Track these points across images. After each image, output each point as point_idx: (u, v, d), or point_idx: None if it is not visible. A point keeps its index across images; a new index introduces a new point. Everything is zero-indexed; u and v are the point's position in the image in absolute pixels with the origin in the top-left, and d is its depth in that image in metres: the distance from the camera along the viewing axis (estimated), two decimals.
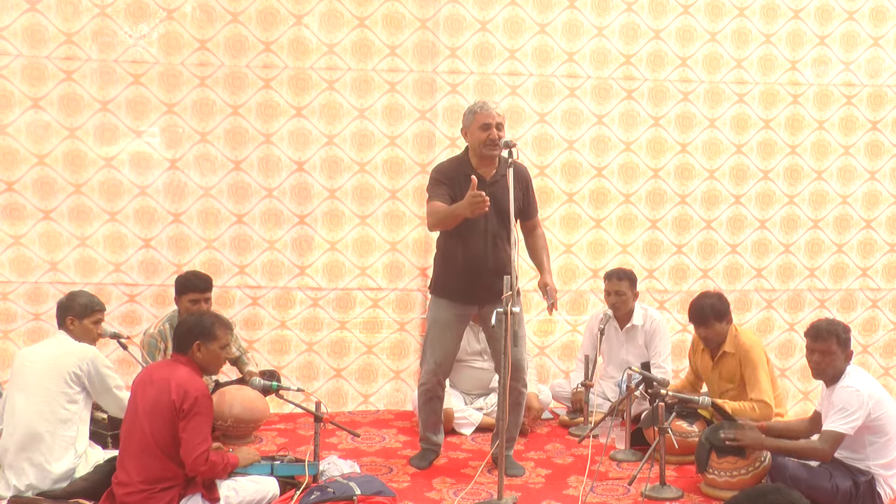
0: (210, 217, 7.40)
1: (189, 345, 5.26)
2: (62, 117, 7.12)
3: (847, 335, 5.66)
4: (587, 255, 7.91)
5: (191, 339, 5.27)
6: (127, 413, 5.24)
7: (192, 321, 5.35)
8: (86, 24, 7.06)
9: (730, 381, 6.59)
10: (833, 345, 5.59)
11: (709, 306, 6.56)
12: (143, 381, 5.22)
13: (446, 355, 6.22)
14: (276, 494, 5.48)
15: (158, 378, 5.15)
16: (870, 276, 8.21)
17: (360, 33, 7.41)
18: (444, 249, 6.14)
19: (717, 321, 6.53)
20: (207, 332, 5.29)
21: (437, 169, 6.14)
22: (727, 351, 6.57)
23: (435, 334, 6.22)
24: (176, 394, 5.03)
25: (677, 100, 7.85)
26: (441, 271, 6.19)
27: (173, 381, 5.09)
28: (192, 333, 5.28)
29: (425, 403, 6.31)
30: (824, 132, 8.02)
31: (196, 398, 5.05)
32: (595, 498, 5.81)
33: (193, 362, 5.27)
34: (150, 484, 5.04)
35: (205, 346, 5.27)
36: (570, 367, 7.89)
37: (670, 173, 7.92)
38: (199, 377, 5.23)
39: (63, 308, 5.76)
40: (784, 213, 8.06)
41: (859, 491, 5.45)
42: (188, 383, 5.09)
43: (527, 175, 6.19)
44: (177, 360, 5.30)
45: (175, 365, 5.25)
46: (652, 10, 7.73)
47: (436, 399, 6.31)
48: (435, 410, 6.34)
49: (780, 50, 7.88)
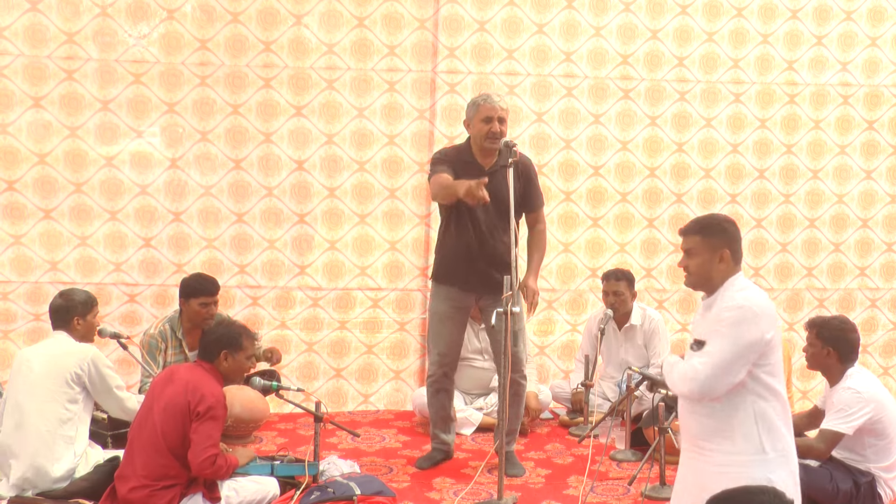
0: (210, 216, 7.41)
1: (216, 353, 5.30)
2: (63, 117, 7.13)
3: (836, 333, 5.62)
4: (585, 254, 7.94)
5: (218, 349, 5.30)
6: (142, 408, 5.28)
7: (221, 331, 5.39)
8: (87, 23, 7.07)
9: None
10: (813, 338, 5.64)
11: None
12: (164, 380, 5.27)
13: (449, 346, 6.21)
14: (277, 494, 5.51)
15: (178, 378, 5.21)
16: (868, 276, 8.24)
17: (360, 33, 7.43)
18: (442, 236, 6.20)
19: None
20: (235, 343, 5.33)
21: (439, 151, 6.21)
22: None
23: (435, 325, 6.26)
24: (192, 396, 5.08)
25: (674, 99, 7.87)
26: (439, 257, 6.24)
27: (192, 383, 5.14)
28: (221, 343, 5.32)
29: (432, 397, 6.32)
30: (820, 132, 8.05)
31: (211, 404, 5.08)
32: (595, 498, 5.84)
33: (217, 370, 5.31)
34: (152, 480, 5.06)
35: (231, 356, 5.31)
36: (570, 367, 7.91)
37: (667, 172, 7.95)
38: (219, 385, 5.27)
39: (64, 310, 5.71)
40: (780, 212, 8.10)
41: (860, 492, 5.46)
42: (206, 388, 5.13)
43: (529, 167, 6.14)
44: (201, 365, 5.34)
45: (198, 369, 5.30)
46: (649, 10, 7.76)
47: (443, 392, 6.29)
48: (443, 405, 6.32)
49: (778, 50, 7.91)
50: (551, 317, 7.94)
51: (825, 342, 5.61)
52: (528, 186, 6.09)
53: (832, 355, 5.58)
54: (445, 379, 6.28)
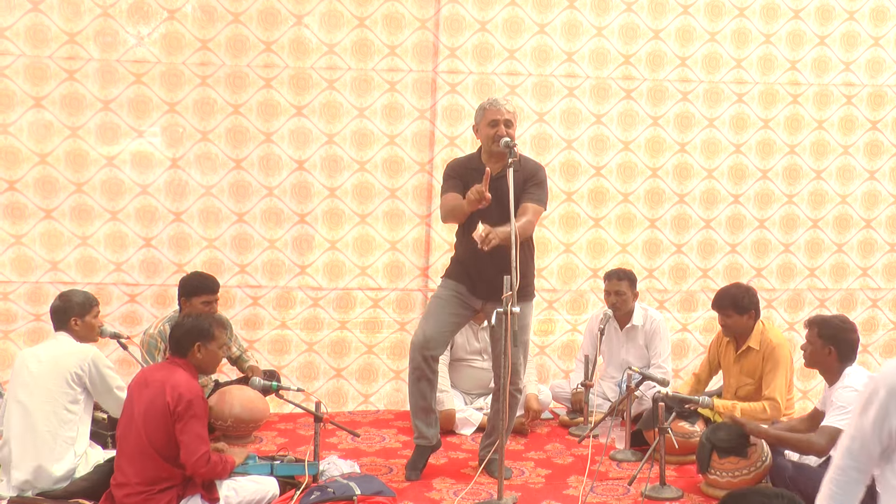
0: (211, 216, 7.41)
1: (189, 346, 5.28)
2: (64, 116, 7.13)
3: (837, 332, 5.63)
4: (586, 254, 7.93)
5: (191, 341, 5.28)
6: (122, 415, 5.25)
7: (190, 323, 5.36)
8: (88, 24, 7.07)
9: (750, 377, 6.55)
10: (814, 336, 5.65)
11: (730, 295, 6.56)
12: (139, 384, 5.22)
13: (438, 330, 6.00)
14: (276, 494, 5.50)
15: (153, 381, 5.16)
16: (870, 276, 8.22)
17: (360, 33, 7.42)
18: (455, 241, 6.20)
19: (736, 312, 6.50)
20: (207, 333, 5.32)
21: (448, 164, 6.19)
22: (752, 347, 6.53)
23: (431, 307, 6.14)
24: (171, 396, 5.04)
25: (676, 99, 7.86)
26: (452, 259, 6.22)
27: (168, 383, 5.09)
28: (192, 335, 5.29)
29: (413, 385, 6.09)
30: (823, 132, 8.03)
31: (190, 401, 5.05)
32: (595, 498, 5.83)
33: (190, 364, 5.29)
34: (148, 485, 5.05)
35: (204, 347, 5.30)
36: (570, 367, 7.91)
37: (669, 173, 7.94)
38: (195, 379, 5.24)
39: (62, 311, 5.72)
40: (783, 212, 8.08)
41: None
42: (182, 386, 5.09)
43: (532, 169, 5.98)
44: (173, 362, 5.30)
45: (171, 367, 5.25)
46: (651, 10, 7.74)
47: (424, 381, 6.04)
48: (423, 395, 6.07)
49: (780, 50, 7.89)
50: (552, 317, 7.93)
51: (826, 341, 5.60)
52: (527, 183, 5.90)
53: (832, 354, 5.59)
54: (426, 365, 6.00)
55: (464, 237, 6.00)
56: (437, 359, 6.08)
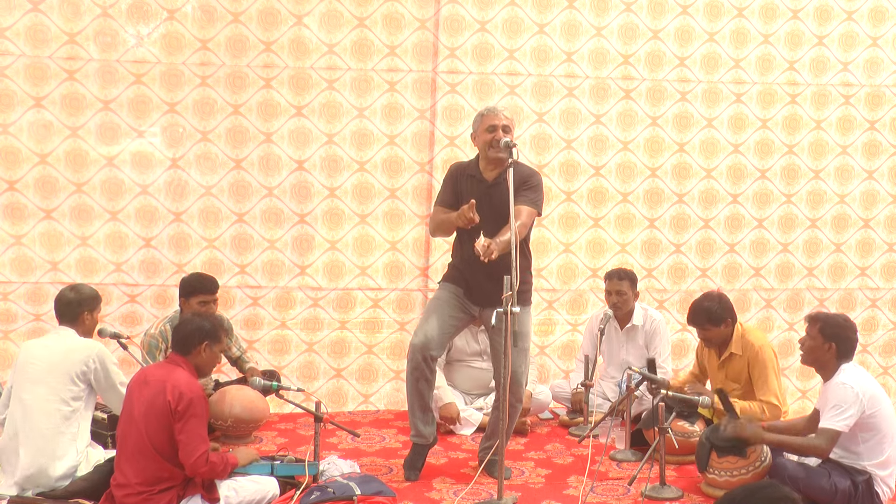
0: (211, 216, 7.42)
1: (197, 344, 5.29)
2: (64, 117, 7.13)
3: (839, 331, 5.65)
4: (586, 254, 7.94)
5: (200, 339, 5.29)
6: (122, 415, 5.25)
7: (198, 322, 5.36)
8: (88, 24, 7.07)
9: (736, 381, 6.57)
10: (816, 332, 5.66)
11: (704, 310, 6.52)
12: (139, 383, 5.22)
13: (439, 331, 5.98)
14: (276, 494, 5.51)
15: (154, 380, 5.16)
16: (868, 276, 8.23)
17: (360, 33, 7.43)
18: (453, 248, 6.21)
19: (714, 325, 6.50)
20: (215, 334, 5.34)
21: (449, 168, 6.21)
22: (734, 353, 6.53)
23: (431, 308, 6.12)
24: (171, 395, 5.04)
25: (675, 99, 7.87)
26: (449, 266, 6.22)
27: (169, 382, 5.10)
28: (202, 333, 5.31)
29: (412, 385, 6.09)
30: (822, 132, 8.04)
31: (191, 399, 5.05)
32: (595, 498, 5.83)
33: (190, 364, 5.29)
34: (148, 485, 5.06)
35: (210, 347, 5.32)
36: (570, 367, 7.92)
37: (668, 172, 7.95)
38: (195, 379, 5.25)
39: (76, 303, 5.69)
40: (782, 212, 8.09)
41: (858, 491, 5.47)
42: (183, 385, 5.10)
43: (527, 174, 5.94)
44: (173, 361, 5.30)
45: (171, 367, 5.25)
46: (651, 10, 7.75)
47: (423, 381, 6.03)
48: (422, 395, 6.07)
49: (779, 50, 7.90)
50: (551, 317, 7.94)
51: (827, 338, 5.63)
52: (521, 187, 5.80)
53: (832, 350, 5.61)
54: (425, 365, 6.00)
55: (461, 245, 6.03)
56: (436, 359, 6.09)
